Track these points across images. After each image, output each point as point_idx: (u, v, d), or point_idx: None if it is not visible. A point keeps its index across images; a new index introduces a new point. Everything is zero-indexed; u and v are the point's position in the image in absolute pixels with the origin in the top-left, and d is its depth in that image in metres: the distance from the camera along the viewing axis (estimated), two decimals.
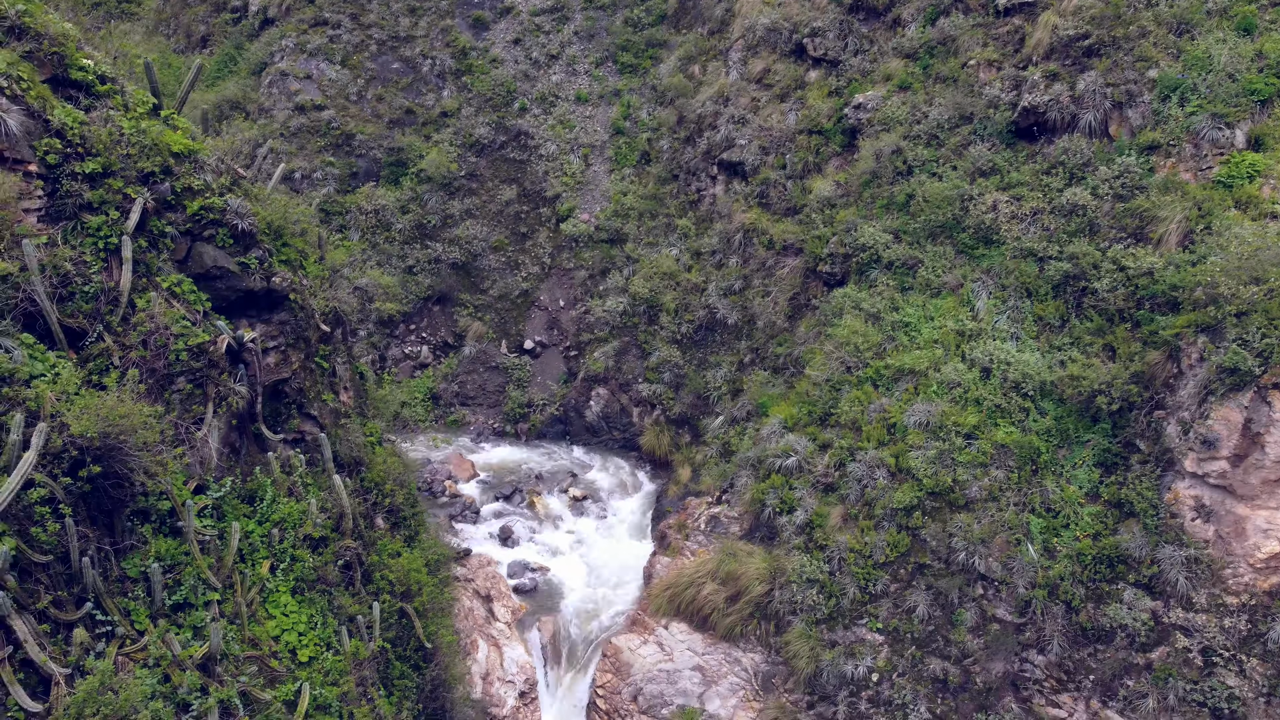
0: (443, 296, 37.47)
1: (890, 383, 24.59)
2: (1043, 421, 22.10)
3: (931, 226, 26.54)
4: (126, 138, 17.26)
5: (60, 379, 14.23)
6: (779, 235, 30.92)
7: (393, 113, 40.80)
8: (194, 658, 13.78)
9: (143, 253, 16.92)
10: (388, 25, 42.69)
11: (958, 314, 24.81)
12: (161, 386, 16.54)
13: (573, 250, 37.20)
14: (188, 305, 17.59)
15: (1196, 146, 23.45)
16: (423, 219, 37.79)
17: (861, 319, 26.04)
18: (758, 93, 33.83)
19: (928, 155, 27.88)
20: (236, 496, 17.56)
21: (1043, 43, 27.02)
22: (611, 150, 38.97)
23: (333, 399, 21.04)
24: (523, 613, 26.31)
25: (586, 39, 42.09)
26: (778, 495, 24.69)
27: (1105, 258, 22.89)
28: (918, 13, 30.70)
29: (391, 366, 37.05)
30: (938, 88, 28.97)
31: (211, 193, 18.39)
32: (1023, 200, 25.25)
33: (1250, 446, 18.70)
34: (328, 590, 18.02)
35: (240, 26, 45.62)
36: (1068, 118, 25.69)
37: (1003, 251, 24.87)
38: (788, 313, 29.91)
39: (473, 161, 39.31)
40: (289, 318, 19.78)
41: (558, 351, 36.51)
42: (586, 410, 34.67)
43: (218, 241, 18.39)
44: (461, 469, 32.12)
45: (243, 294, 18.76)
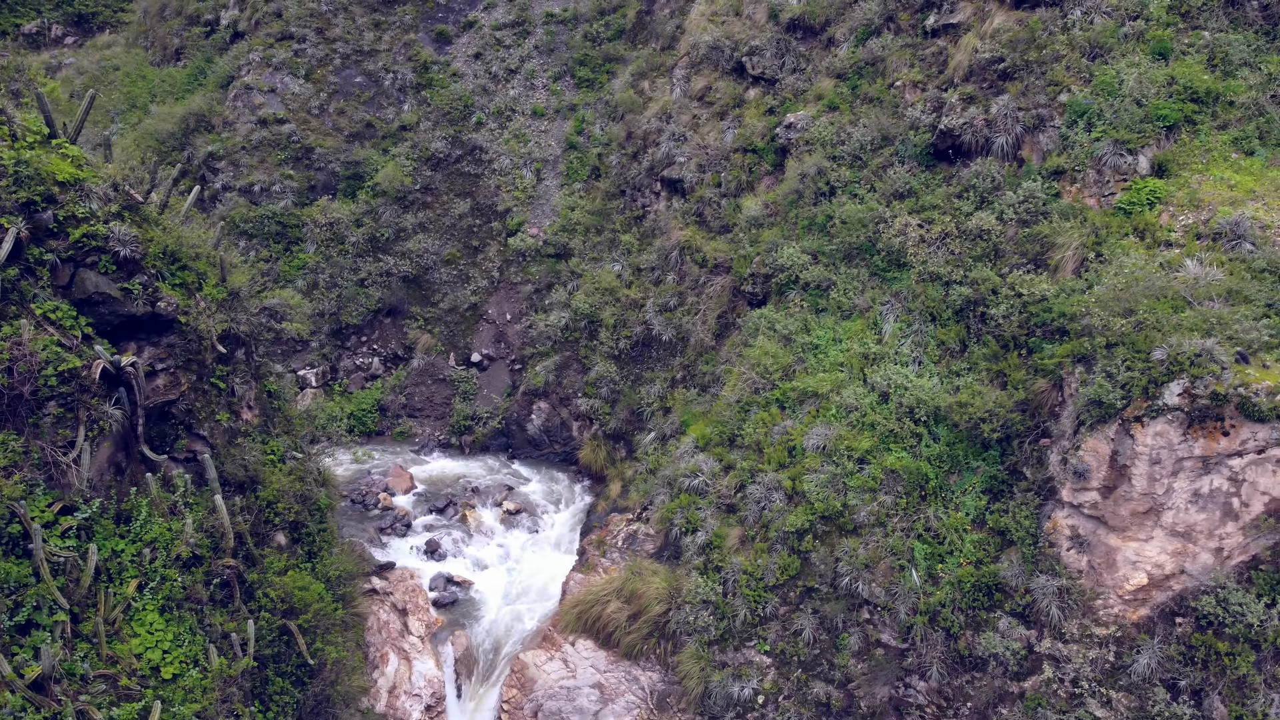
0: (393, 309, 37.98)
1: (795, 405, 24.75)
2: (935, 447, 22.19)
3: (847, 248, 26.67)
4: (3, 168, 17.69)
5: None
6: (711, 253, 31.13)
7: (353, 126, 41.36)
8: (25, 678, 14.21)
9: (15, 281, 17.42)
10: (352, 39, 43.28)
11: (865, 337, 24.93)
12: (30, 411, 17.01)
13: (521, 264, 37.59)
14: (64, 330, 18.05)
15: (1099, 172, 23.46)
16: (376, 232, 38.32)
17: (775, 340, 26.21)
18: (699, 110, 34.05)
19: (850, 176, 28.01)
20: (111, 516, 18.02)
21: (963, 65, 27.09)
22: (564, 165, 39.32)
23: (228, 418, 21.48)
24: (438, 626, 26.67)
25: (546, 53, 42.46)
26: (684, 515, 24.93)
27: (1004, 283, 22.95)
28: (850, 32, 30.82)
29: (343, 377, 37.59)
30: (864, 108, 29.08)
31: (96, 220, 18.84)
32: (933, 224, 25.32)
33: (1118, 478, 18.73)
34: (198, 608, 18.45)
35: (212, 40, 46.40)
36: (981, 141, 25.74)
37: (911, 275, 24.97)
38: (716, 331, 30.12)
39: (428, 175, 39.79)
40: (178, 340, 20.22)
41: (504, 364, 36.91)
42: (528, 424, 35.03)
43: (100, 268, 18.85)
44: (399, 481, 32.56)
45: (126, 318, 19.21)
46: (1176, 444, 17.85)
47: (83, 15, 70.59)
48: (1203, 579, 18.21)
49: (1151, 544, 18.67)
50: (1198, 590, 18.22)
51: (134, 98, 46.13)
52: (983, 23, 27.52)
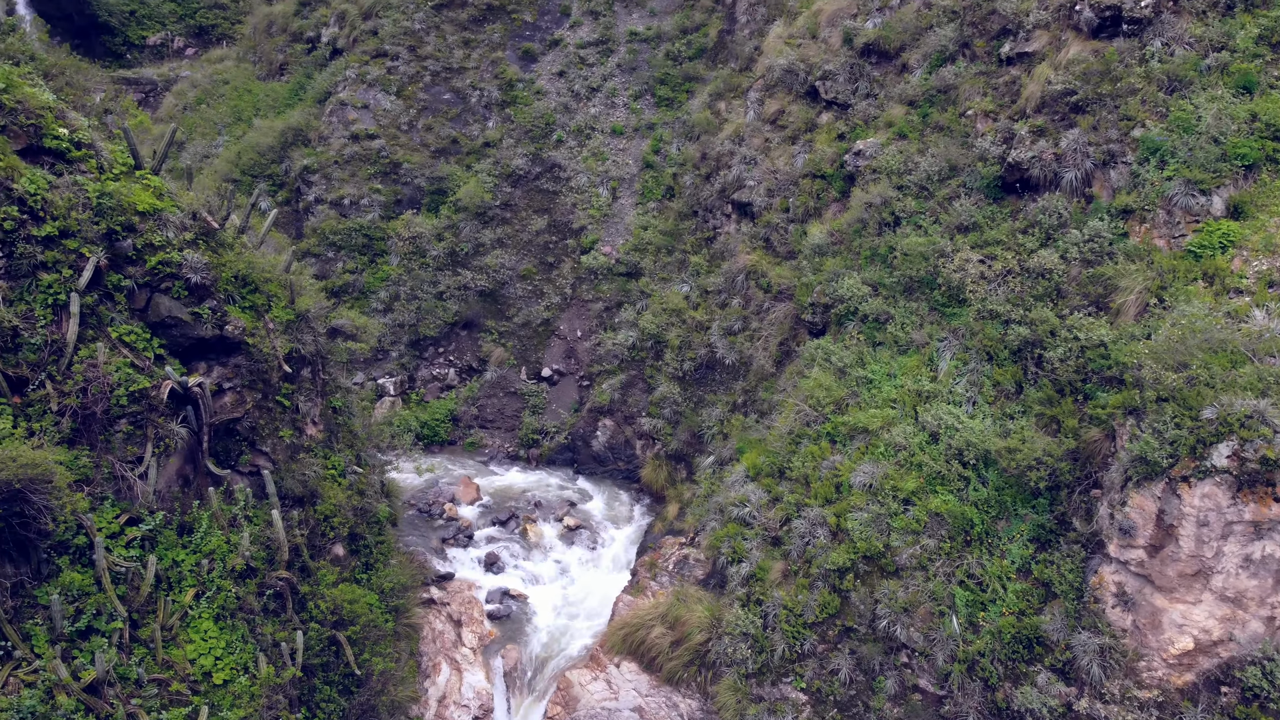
0: (469, 322, 39.08)
1: (845, 440, 24.61)
2: (983, 491, 21.80)
3: (908, 281, 26.35)
4: (89, 200, 19.05)
5: None
6: (776, 279, 31.12)
7: (439, 142, 42.68)
8: (80, 681, 15.39)
9: (94, 306, 18.78)
10: (442, 57, 44.64)
11: (919, 373, 24.62)
12: (101, 428, 18.32)
13: (593, 282, 38.21)
14: (137, 352, 19.36)
15: (1170, 213, 22.63)
16: (456, 247, 39.49)
17: (829, 372, 26.10)
18: (771, 133, 34.03)
19: (915, 207, 27.64)
20: (174, 528, 19.25)
21: (1034, 96, 26.44)
22: (639, 184, 39.78)
23: (291, 435, 22.60)
24: (491, 639, 27.46)
25: (628, 71, 42.99)
26: (731, 544, 25.07)
27: (1063, 326, 22.36)
28: (924, 59, 30.38)
29: (420, 386, 38.88)
30: (933, 137, 28.64)
31: (171, 248, 20.13)
32: (995, 260, 24.82)
33: (1165, 538, 18.11)
34: (251, 618, 19.53)
35: (312, 56, 48.49)
36: (1050, 175, 25.10)
37: (970, 312, 24.54)
38: (776, 358, 30.11)
39: (508, 191, 40.79)
40: (245, 361, 21.41)
41: (573, 380, 37.58)
42: (593, 440, 35.62)
43: (174, 293, 20.14)
44: (466, 492, 33.55)
45: (196, 340, 20.48)
46: (1225, 507, 17.18)
47: (202, 27, 74.48)
48: (1251, 648, 17.47)
49: (1199, 608, 18.00)
50: (1245, 660, 17.50)
51: (240, 111, 48.55)
52: (1058, 52, 26.79)
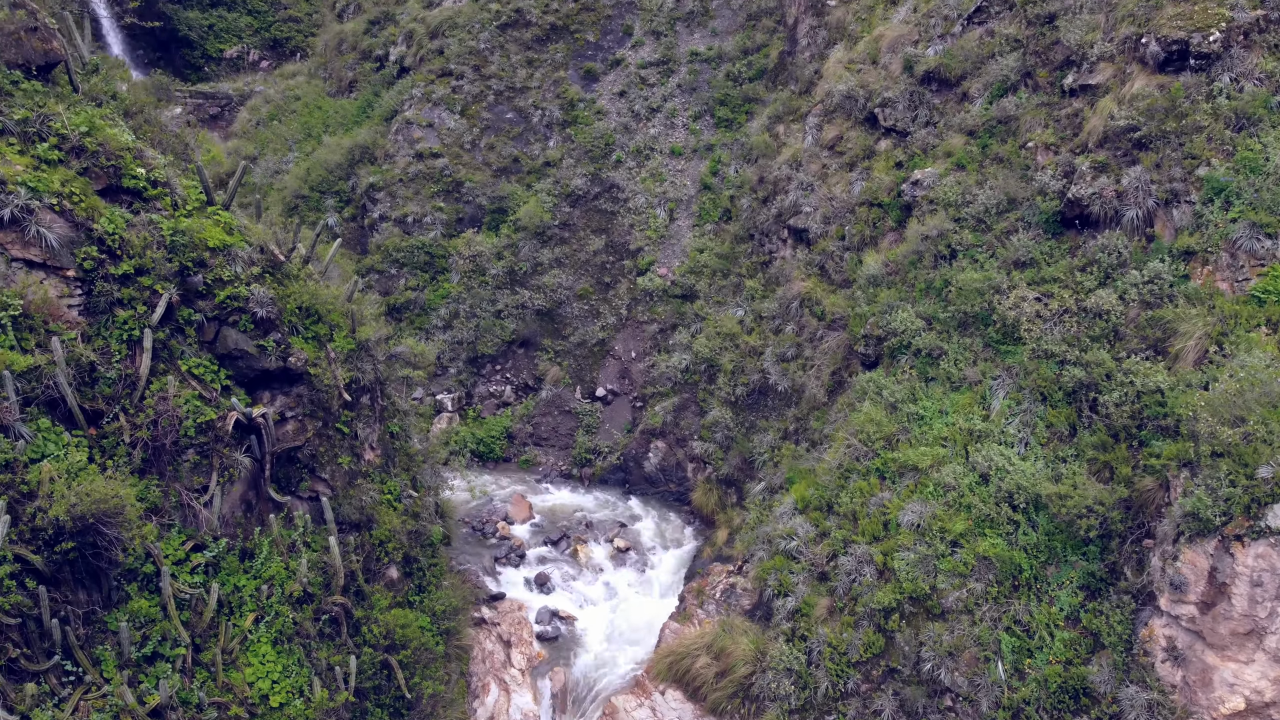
0: (526, 341, 39.72)
1: (895, 476, 24.54)
2: (1032, 535, 21.60)
3: (963, 316, 26.17)
4: (163, 238, 19.93)
5: (67, 457, 16.96)
6: (830, 307, 31.10)
7: (501, 161, 43.42)
8: (145, 705, 16.18)
9: (166, 340, 19.66)
10: (506, 76, 45.38)
11: (971, 411, 24.44)
12: (170, 458, 19.19)
13: (648, 304, 38.54)
14: (204, 384, 20.21)
15: (1233, 256, 22.14)
16: (515, 266, 40.15)
17: (880, 407, 26.04)
18: (828, 159, 33.98)
19: (972, 240, 27.42)
20: (236, 553, 20.07)
21: (1097, 130, 26.03)
22: (697, 205, 40.01)
23: (350, 461, 23.34)
24: (540, 660, 27.95)
25: (688, 92, 43.24)
26: (778, 577, 25.19)
27: (1120, 369, 22.04)
28: (985, 88, 30.07)
29: (477, 403, 39.63)
30: (992, 168, 28.36)
31: (239, 282, 20.97)
32: (1052, 298, 24.51)
33: (1217, 595, 17.79)
34: (307, 642, 20.26)
35: (381, 74, 49.65)
36: (1111, 212, 24.71)
37: (1025, 350, 24.28)
38: (829, 387, 30.10)
39: (567, 211, 41.33)
40: (307, 391, 22.19)
41: (627, 400, 37.96)
42: (645, 461, 35.95)
43: (240, 326, 20.98)
44: (519, 511, 34.14)
45: (260, 372, 21.30)
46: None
47: (277, 40, 76.57)
48: None
49: (1251, 668, 17.64)
50: None
51: (310, 127, 49.93)
52: (1123, 85, 26.34)
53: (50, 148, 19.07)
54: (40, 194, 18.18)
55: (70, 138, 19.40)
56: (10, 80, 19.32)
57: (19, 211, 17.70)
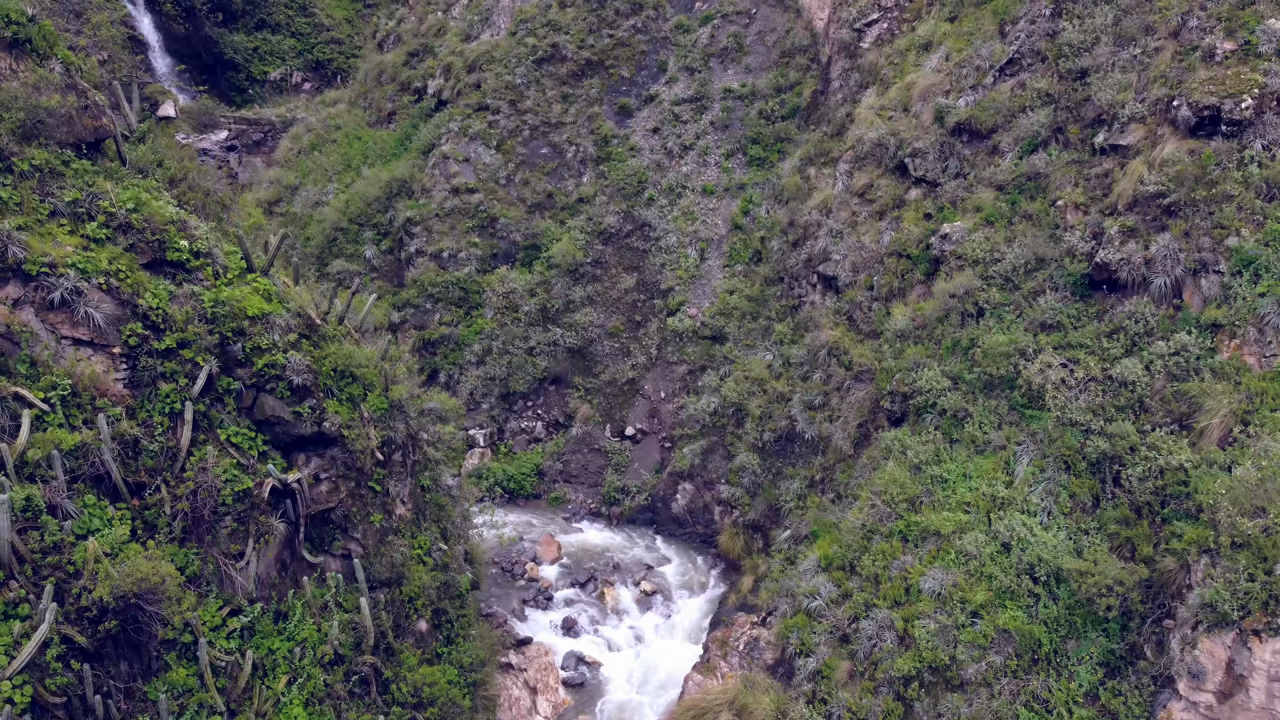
0: (558, 378, 40.29)
1: (918, 540, 24.71)
2: (1053, 609, 21.68)
3: (988, 379, 26.25)
4: (204, 310, 20.67)
5: (111, 531, 17.72)
6: (858, 357, 31.28)
7: (535, 197, 44.03)
8: None
9: (206, 410, 20.40)
10: (541, 111, 45.98)
11: (995, 477, 24.54)
12: (208, 527, 19.91)
13: (678, 344, 38.93)
14: (242, 452, 20.92)
15: (1261, 331, 22.08)
16: (548, 303, 40.73)
17: (905, 467, 26.20)
18: (858, 207, 34.15)
19: (1000, 299, 27.49)
20: (270, 616, 20.75)
21: (1127, 193, 26.01)
22: (728, 246, 40.33)
23: (381, 519, 23.97)
24: (565, 708, 28.44)
25: (721, 129, 43.55)
26: (800, 636, 25.44)
27: (1143, 443, 22.05)
28: (1015, 142, 30.09)
29: (509, 438, 40.26)
30: (1022, 225, 28.39)
31: (277, 349, 21.66)
32: (1078, 364, 24.54)
33: (1235, 686, 17.81)
34: (337, 703, 20.90)
35: (419, 107, 50.50)
36: (1139, 279, 24.70)
37: (1049, 417, 24.33)
38: (855, 439, 30.28)
39: (599, 249, 41.84)
40: (340, 453, 22.87)
41: (655, 440, 38.37)
42: (673, 503, 36.34)
43: (278, 394, 21.67)
44: (548, 551, 34.68)
45: (296, 437, 22.00)
46: None
47: (319, 62, 78.02)
48: None
49: None
50: None
51: (349, 158, 50.90)
52: (1154, 147, 26.28)
53: (99, 226, 19.88)
54: (89, 275, 18.98)
55: (118, 215, 20.20)
56: (61, 160, 20.15)
57: (69, 294, 18.50)
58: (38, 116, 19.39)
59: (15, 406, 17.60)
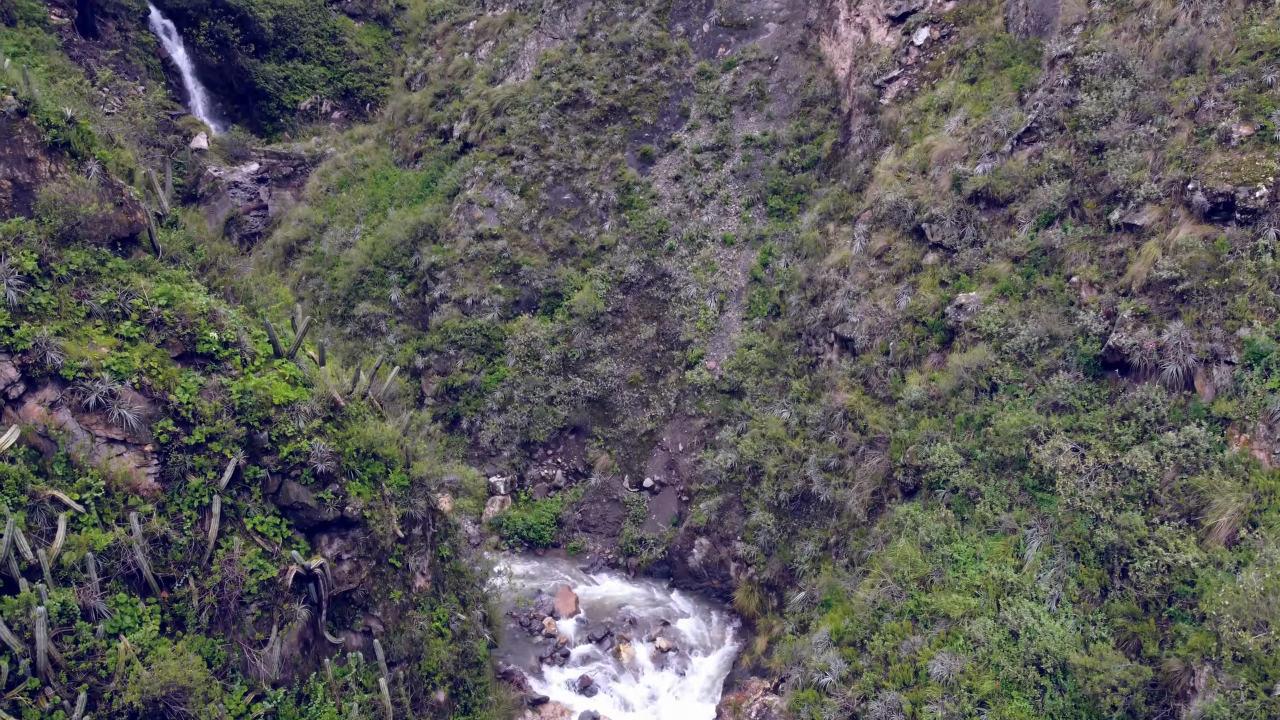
0: (577, 427, 40.85)
1: (927, 622, 25.01)
2: (1059, 700, 21.93)
3: (1000, 458, 26.50)
4: (232, 401, 21.39)
5: (142, 630, 18.45)
6: (873, 423, 31.59)
7: (557, 244, 44.64)
8: None
9: (233, 501, 21.11)
10: (565, 157, 46.59)
11: (1005, 560, 24.80)
12: (234, 616, 20.62)
13: (696, 398, 39.38)
14: (268, 540, 21.62)
15: (1270, 427, 22.22)
16: (569, 352, 41.31)
17: (916, 544, 26.50)
18: (876, 269, 34.45)
19: (1013, 375, 27.73)
20: (293, 698, 21.43)
21: (1140, 275, 26.18)
22: (746, 298, 40.72)
23: (401, 595, 24.62)
24: None
25: (742, 179, 43.95)
26: (810, 711, 25.81)
27: (1151, 537, 22.26)
28: (1032, 214, 30.29)
29: (529, 485, 40.88)
30: (1036, 300, 28.61)
31: (301, 436, 22.35)
32: (1089, 448, 24.76)
33: None
34: None
35: (445, 149, 51.27)
36: (1151, 365, 24.88)
37: (1060, 502, 24.56)
38: (869, 506, 30.60)
39: (620, 298, 42.37)
40: (362, 534, 23.54)
41: (673, 492, 38.84)
42: (689, 557, 36.79)
43: (302, 480, 22.37)
44: (565, 604, 35.24)
45: (319, 521, 22.70)
46: None
47: (349, 90, 79.18)
48: None
49: None
50: None
51: (376, 199, 51.77)
52: (1168, 230, 26.43)
53: (132, 324, 20.64)
54: (123, 376, 19.74)
55: (150, 312, 20.96)
56: (98, 260, 20.93)
57: (103, 398, 19.26)
58: (75, 221, 20.17)
59: (52, 509, 18.37)
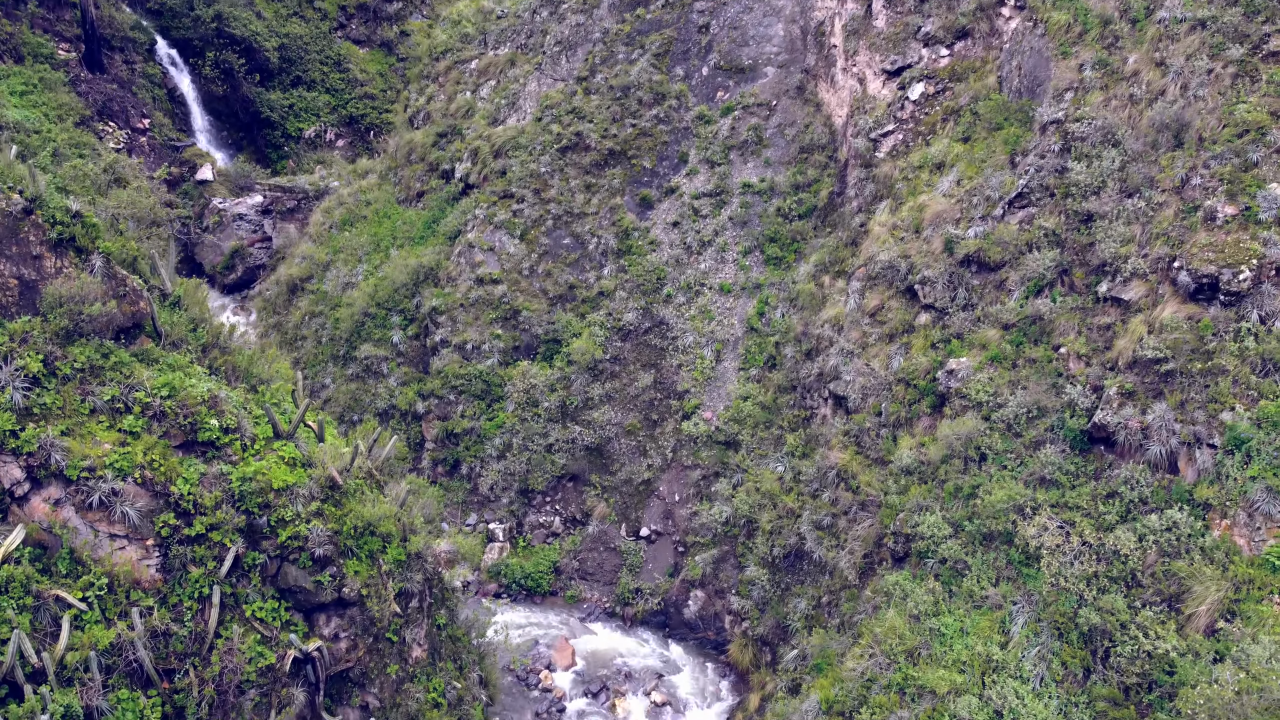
0: (575, 475, 41.34)
1: (914, 696, 25.41)
2: None
3: (987, 530, 26.91)
4: (231, 489, 21.91)
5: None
6: (865, 484, 32.02)
7: (557, 289, 45.13)
8: None
9: (233, 589, 21.62)
10: (565, 200, 47.08)
11: (991, 636, 25.20)
12: (234, 704, 21.12)
13: (692, 448, 39.84)
14: (266, 625, 22.12)
15: (1250, 516, 22.62)
16: (567, 399, 41.78)
17: (904, 615, 26.93)
18: (869, 328, 34.87)
19: (1002, 446, 28.14)
20: None
21: (1127, 352, 26.60)
22: (743, 348, 41.16)
23: (397, 669, 25.12)
24: None
25: (739, 225, 44.40)
26: None
27: (1133, 621, 22.67)
28: (1022, 281, 30.70)
29: (528, 532, 41.37)
30: (1025, 370, 29.02)
31: (300, 520, 22.86)
32: (1074, 526, 25.17)
33: None
34: None
35: (446, 190, 51.81)
36: (1136, 443, 25.28)
37: (1045, 579, 24.97)
38: (860, 569, 31.02)
39: (618, 345, 42.84)
40: (359, 613, 24.04)
41: (670, 541, 39.30)
42: (685, 608, 37.25)
43: (300, 563, 22.87)
44: (562, 656, 35.71)
45: (317, 604, 23.20)
46: None
47: (354, 117, 79.83)
48: None
49: None
50: None
51: (379, 238, 52.34)
52: (1154, 306, 26.84)
53: (135, 418, 21.17)
54: (125, 473, 20.26)
55: (153, 404, 21.48)
56: (101, 354, 21.46)
57: (106, 496, 19.79)
58: (79, 320, 20.70)
59: (55, 609, 18.90)
